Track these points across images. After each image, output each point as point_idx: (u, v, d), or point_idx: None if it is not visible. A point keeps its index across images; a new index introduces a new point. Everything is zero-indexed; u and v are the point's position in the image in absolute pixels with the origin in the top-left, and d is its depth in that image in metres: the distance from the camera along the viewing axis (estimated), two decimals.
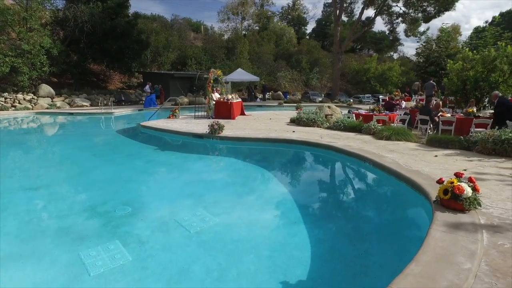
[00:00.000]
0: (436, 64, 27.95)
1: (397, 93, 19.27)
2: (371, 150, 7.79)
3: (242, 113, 16.90)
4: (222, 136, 10.23)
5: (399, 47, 43.68)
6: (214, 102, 15.25)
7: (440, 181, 4.27)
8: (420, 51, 30.76)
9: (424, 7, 25.51)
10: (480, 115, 11.21)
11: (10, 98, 21.72)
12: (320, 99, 30.63)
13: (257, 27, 51.57)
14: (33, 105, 22.04)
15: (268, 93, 32.32)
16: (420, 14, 26.45)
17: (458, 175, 4.19)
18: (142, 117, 17.75)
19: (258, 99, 29.29)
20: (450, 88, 14.11)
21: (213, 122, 10.49)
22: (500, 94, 10.76)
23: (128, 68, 30.23)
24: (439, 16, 25.90)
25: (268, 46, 42.31)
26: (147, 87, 26.17)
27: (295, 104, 23.31)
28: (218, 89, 16.55)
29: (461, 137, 8.15)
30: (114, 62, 28.93)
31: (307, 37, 53.53)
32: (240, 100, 17.23)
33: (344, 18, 35.11)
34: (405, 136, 9.07)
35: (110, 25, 25.45)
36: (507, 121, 9.56)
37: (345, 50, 44.25)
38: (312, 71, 40.62)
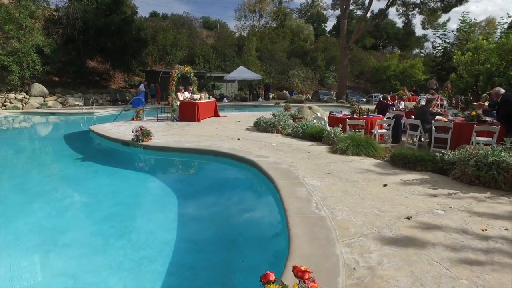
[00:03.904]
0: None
1: (402, 91, 16.44)
2: (299, 172, 5.54)
3: (216, 115, 14.94)
4: (146, 145, 8.34)
5: (425, 44, 39.49)
6: (178, 103, 13.39)
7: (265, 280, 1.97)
8: (436, 44, 27.05)
9: None
10: (488, 119, 8.45)
11: (1, 97, 21.24)
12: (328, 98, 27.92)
13: (274, 25, 49.44)
14: (24, 104, 21.46)
15: (270, 93, 30.06)
16: (438, 4, 23.02)
17: (297, 273, 1.86)
18: (121, 117, 16.42)
19: (260, 99, 27.16)
20: (458, 86, 11.28)
21: (139, 127, 8.63)
22: (503, 91, 7.97)
23: (128, 67, 29.27)
24: (460, 4, 22.44)
25: (282, 43, 40.17)
26: (141, 86, 25.03)
27: (296, 104, 20.99)
28: (190, 88, 14.69)
29: (439, 154, 5.63)
30: (113, 60, 28.05)
31: (328, 34, 50.54)
32: (212, 100, 15.26)
33: (359, 12, 31.97)
34: (367, 149, 6.66)
35: (104, 22, 24.43)
36: None
37: (366, 47, 40.92)
38: (328, 69, 37.85)
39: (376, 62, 36.04)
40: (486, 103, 9.35)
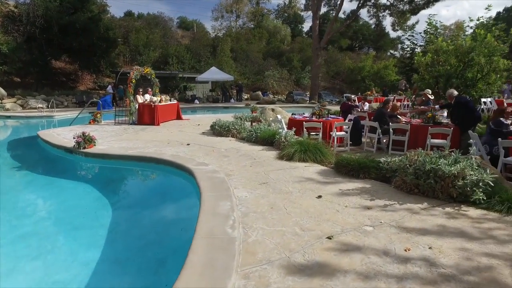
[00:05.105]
0: None
1: (370, 92, 16.31)
2: (234, 183, 5.12)
3: (179, 117, 14.38)
4: (87, 152, 7.73)
5: (399, 45, 39.96)
6: (137, 106, 12.76)
7: None
8: (405, 46, 27.26)
9: None
10: (444, 121, 8.30)
11: None
12: (306, 99, 27.70)
13: (252, 25, 49.07)
14: None
15: (244, 94, 29.64)
16: (407, 6, 23.21)
17: None
18: (80, 121, 15.62)
19: (232, 100, 26.67)
20: (420, 87, 11.16)
21: (81, 133, 8.01)
22: (456, 93, 7.84)
23: (97, 67, 28.20)
24: (427, 7, 22.76)
25: (258, 44, 39.84)
26: (109, 88, 24.17)
27: (268, 106, 20.60)
28: (150, 90, 14.06)
29: (382, 160, 5.31)
30: (81, 60, 26.96)
31: (304, 35, 50.61)
32: (174, 102, 14.69)
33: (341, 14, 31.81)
34: (314, 155, 6.31)
35: (69, 21, 23.34)
36: (469, 132, 6.69)
37: (342, 48, 41.12)
38: (304, 70, 37.78)
39: (351, 63, 36.22)
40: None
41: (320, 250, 3.05)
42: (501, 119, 6.09)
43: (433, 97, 10.51)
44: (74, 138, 7.99)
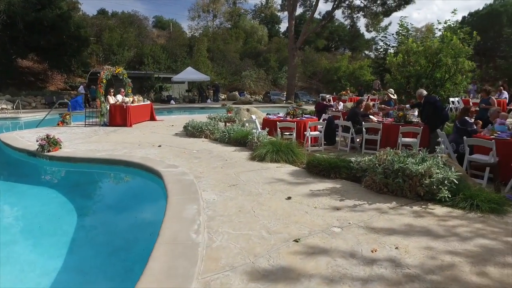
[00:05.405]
0: None
1: (345, 92, 16.52)
2: (203, 185, 4.99)
3: (152, 118, 14.04)
4: (51, 155, 7.36)
5: (373, 46, 40.91)
6: (108, 107, 12.35)
7: None
8: (379, 46, 27.96)
9: (384, 0, 22.97)
10: (415, 120, 8.48)
11: None
12: (284, 99, 27.78)
13: (229, 25, 48.82)
14: None
15: (221, 94, 29.43)
16: (380, 8, 23.83)
17: None
18: (53, 122, 14.95)
19: (208, 100, 26.40)
20: (392, 87, 11.38)
21: (45, 136, 7.63)
22: (425, 93, 8.04)
23: (68, 67, 27.16)
24: (399, 9, 23.50)
25: (235, 44, 39.69)
26: (80, 88, 23.34)
27: (244, 106, 20.48)
28: (123, 90, 13.64)
29: (353, 160, 5.32)
30: (51, 60, 25.89)
31: (281, 35, 50.84)
32: (148, 103, 14.33)
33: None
34: (286, 155, 6.26)
35: (35, 17, 22.32)
36: (438, 130, 6.85)
37: (319, 49, 41.58)
38: (281, 70, 37.94)
39: (327, 63, 36.65)
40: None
41: (286, 254, 2.97)
42: (466, 118, 6.25)
43: (395, 97, 10.81)
44: (37, 141, 7.59)
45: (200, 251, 2.95)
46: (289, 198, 4.39)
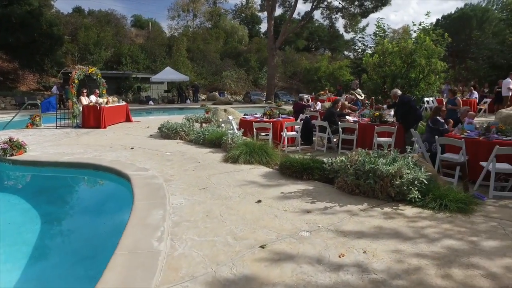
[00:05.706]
0: None
1: (323, 92, 16.61)
2: (172, 189, 4.82)
3: (128, 120, 13.67)
4: (15, 160, 6.98)
5: (353, 47, 41.53)
6: (81, 108, 11.91)
7: None
8: (357, 47, 28.41)
9: (362, 1, 23.35)
10: (389, 120, 8.55)
11: None
12: (263, 99, 27.73)
13: (209, 25, 48.39)
14: None
15: (201, 94, 29.12)
16: (358, 9, 24.24)
17: None
18: (22, 124, 14.29)
19: (188, 101, 26.04)
20: (368, 86, 11.49)
21: (7, 139, 7.23)
22: (400, 92, 8.13)
23: (40, 67, 26.16)
24: (376, 11, 23.99)
25: (215, 44, 39.39)
26: (54, 88, 22.52)
27: (224, 106, 20.27)
28: (97, 91, 13.19)
29: (326, 160, 5.26)
30: (21, 58, 24.87)
31: (262, 35, 50.85)
32: (123, 104, 13.94)
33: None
34: (260, 156, 6.15)
35: (1, 13, 21.33)
36: (412, 130, 6.91)
37: (299, 49, 41.82)
38: (262, 70, 37.92)
39: (307, 63, 36.89)
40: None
41: (251, 262, 2.85)
42: (438, 117, 6.32)
43: (362, 97, 10.93)
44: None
45: (160, 261, 2.80)
46: (259, 201, 4.28)
